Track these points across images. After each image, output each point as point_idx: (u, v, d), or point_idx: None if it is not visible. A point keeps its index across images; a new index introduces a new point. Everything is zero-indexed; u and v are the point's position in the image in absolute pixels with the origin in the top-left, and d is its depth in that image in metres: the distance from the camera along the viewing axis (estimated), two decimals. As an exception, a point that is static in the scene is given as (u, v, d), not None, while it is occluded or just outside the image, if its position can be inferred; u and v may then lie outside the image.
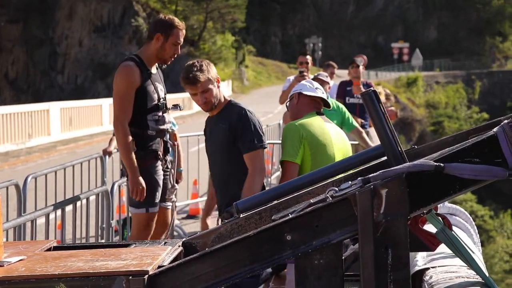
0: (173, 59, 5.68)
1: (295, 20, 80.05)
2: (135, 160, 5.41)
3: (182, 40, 5.64)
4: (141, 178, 5.43)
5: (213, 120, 5.20)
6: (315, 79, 8.79)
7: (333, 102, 8.80)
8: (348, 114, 8.88)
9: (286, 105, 5.36)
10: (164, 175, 5.72)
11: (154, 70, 5.65)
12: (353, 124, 8.89)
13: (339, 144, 5.07)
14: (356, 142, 10.72)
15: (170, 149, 5.79)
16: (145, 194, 5.46)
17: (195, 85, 5.02)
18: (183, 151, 9.49)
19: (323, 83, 8.70)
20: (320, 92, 5.20)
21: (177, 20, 5.61)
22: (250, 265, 2.54)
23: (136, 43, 51.02)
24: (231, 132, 5.00)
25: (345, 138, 5.22)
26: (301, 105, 5.15)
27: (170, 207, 5.87)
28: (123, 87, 5.46)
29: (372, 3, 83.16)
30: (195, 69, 5.01)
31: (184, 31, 5.64)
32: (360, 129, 9.06)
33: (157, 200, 5.61)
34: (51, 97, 44.98)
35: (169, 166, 5.79)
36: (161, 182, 5.63)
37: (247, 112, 5.05)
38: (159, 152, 5.60)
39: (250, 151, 4.97)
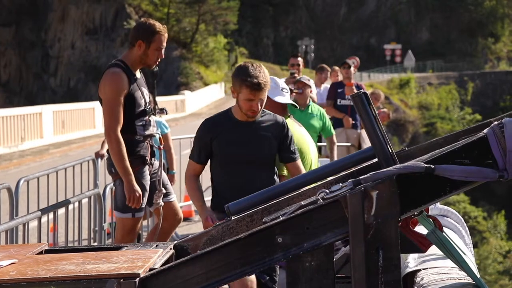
0: (157, 63, 5.66)
1: (288, 22, 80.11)
2: (130, 168, 5.40)
3: (165, 44, 5.57)
4: (136, 185, 5.42)
5: (250, 127, 4.81)
6: (298, 82, 8.81)
7: (315, 107, 8.80)
8: (329, 122, 8.93)
9: None
10: (151, 179, 5.71)
11: (138, 74, 5.63)
12: (331, 132, 8.97)
13: (309, 148, 5.31)
14: (349, 144, 10.75)
15: (156, 152, 5.78)
16: (141, 201, 5.45)
17: (260, 91, 4.65)
18: (176, 153, 9.47)
19: (305, 85, 8.73)
20: (286, 95, 5.37)
21: (158, 25, 5.54)
22: (241, 267, 2.54)
23: (128, 46, 50.98)
24: (275, 141, 4.83)
25: (311, 140, 5.56)
26: (271, 109, 5.19)
27: (174, 199, 5.89)
28: (113, 95, 5.41)
29: (364, 4, 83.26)
30: (263, 74, 4.68)
31: (166, 35, 5.56)
32: (335, 140, 9.15)
33: (144, 205, 5.60)
34: (44, 99, 44.93)
35: (157, 170, 5.78)
36: (148, 187, 5.62)
37: (285, 120, 4.98)
38: (146, 157, 5.60)
39: (297, 159, 4.93)
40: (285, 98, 5.36)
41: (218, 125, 4.85)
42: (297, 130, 5.32)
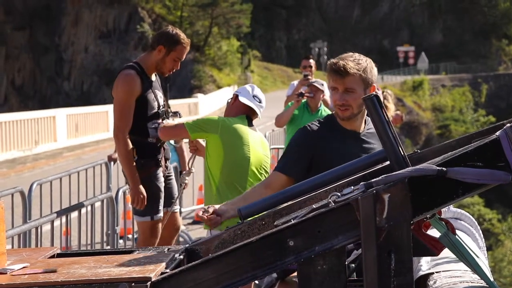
0: (171, 73, 5.67)
1: (300, 24, 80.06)
2: (135, 170, 5.41)
3: (184, 57, 5.61)
4: (141, 187, 5.42)
5: (354, 136, 3.95)
6: (310, 85, 8.77)
7: (326, 112, 8.74)
8: None
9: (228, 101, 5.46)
10: (167, 180, 5.72)
11: (153, 77, 5.64)
12: None
13: (257, 150, 5.23)
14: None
15: (172, 155, 5.80)
16: (145, 203, 5.45)
17: (340, 76, 3.78)
18: (188, 156, 9.48)
19: (317, 90, 8.69)
20: (256, 102, 5.33)
21: (183, 37, 5.57)
22: (252, 271, 2.53)
23: (142, 49, 51.03)
24: None
25: (266, 147, 5.42)
26: (235, 107, 5.29)
27: (177, 210, 5.88)
28: (124, 96, 5.44)
29: (378, 7, 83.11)
30: (351, 58, 3.83)
31: (188, 48, 5.61)
32: None
33: (161, 207, 5.61)
34: (57, 103, 45.07)
35: (172, 172, 5.79)
36: (163, 189, 5.63)
37: None
38: (159, 159, 5.60)
39: None
40: (250, 103, 5.30)
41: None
42: (242, 127, 5.25)
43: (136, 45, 52.44)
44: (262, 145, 5.37)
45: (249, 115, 5.34)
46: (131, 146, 5.40)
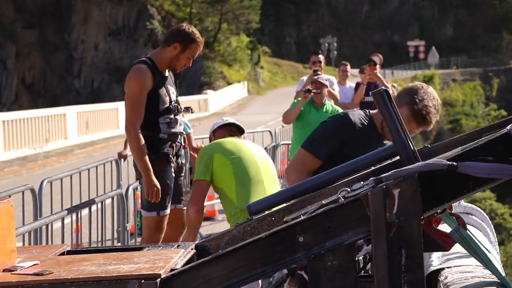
0: (183, 69, 5.69)
1: (310, 20, 79.93)
2: (148, 162, 5.41)
3: (196, 55, 5.65)
4: (155, 180, 5.43)
5: (378, 137, 4.26)
6: (315, 82, 8.77)
7: (329, 105, 8.76)
8: None
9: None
10: (177, 177, 5.72)
11: (166, 73, 5.65)
12: None
13: (256, 150, 5.37)
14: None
15: (183, 151, 5.79)
16: (160, 196, 5.46)
17: (426, 125, 4.14)
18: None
19: (322, 86, 8.69)
20: (230, 120, 5.67)
21: (198, 35, 5.59)
22: (262, 267, 2.53)
23: (152, 46, 51.11)
24: None
25: (262, 149, 5.60)
26: (217, 137, 5.52)
27: (184, 208, 5.87)
28: (135, 90, 5.45)
29: (387, 1, 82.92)
30: (434, 110, 4.13)
31: (202, 47, 5.65)
32: None
33: (168, 203, 5.61)
34: (68, 101, 45.18)
35: (182, 169, 5.79)
36: (172, 185, 5.63)
37: None
38: (170, 156, 5.60)
39: None
40: (222, 121, 5.72)
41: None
42: (231, 139, 5.44)
43: (146, 42, 52.50)
44: (258, 147, 5.57)
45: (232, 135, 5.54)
46: (143, 139, 5.40)
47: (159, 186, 5.44)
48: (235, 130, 5.62)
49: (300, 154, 4.31)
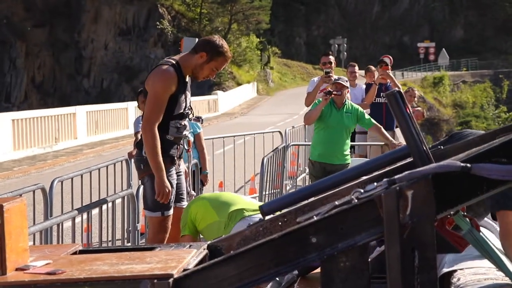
0: (204, 79, 5.70)
1: (320, 20, 79.92)
2: (162, 163, 5.42)
3: (221, 69, 5.66)
4: (167, 181, 5.45)
5: None
6: (336, 83, 8.75)
7: (349, 104, 8.76)
8: (363, 111, 8.82)
9: None
10: (177, 176, 5.76)
11: (187, 78, 5.67)
12: (371, 121, 8.81)
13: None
14: (383, 143, 10.67)
15: (184, 154, 5.84)
16: (170, 197, 5.48)
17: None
18: (208, 153, 9.48)
19: (342, 87, 8.68)
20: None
21: (227, 49, 5.59)
22: (274, 268, 2.52)
23: (161, 46, 51.24)
24: None
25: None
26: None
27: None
28: (160, 91, 5.44)
29: (398, 2, 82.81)
30: None
31: (228, 62, 5.67)
32: (378, 125, 8.94)
33: (172, 204, 5.64)
34: (77, 100, 45.31)
35: (182, 170, 5.82)
36: (175, 186, 5.67)
37: None
38: (175, 157, 5.63)
39: None
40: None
41: None
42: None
43: (156, 42, 52.58)
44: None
45: None
46: (159, 140, 5.41)
47: (170, 187, 5.46)
48: None
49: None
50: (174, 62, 5.53)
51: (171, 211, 5.65)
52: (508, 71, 72.73)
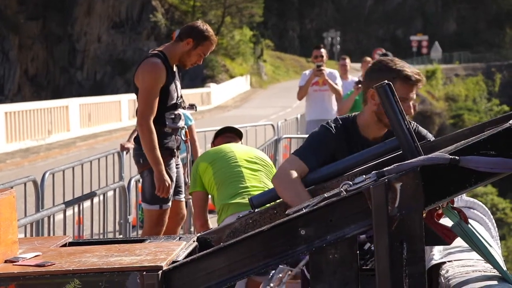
0: (192, 66, 5.69)
1: (313, 14, 79.85)
2: (160, 157, 5.41)
3: (208, 53, 5.65)
4: (166, 175, 5.44)
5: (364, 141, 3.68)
6: (360, 82, 8.97)
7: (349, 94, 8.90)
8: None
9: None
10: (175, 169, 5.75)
11: (174, 68, 5.66)
12: None
13: (240, 148, 5.35)
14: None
15: (183, 145, 5.82)
16: (170, 191, 5.47)
17: (415, 87, 3.73)
18: (200, 146, 9.46)
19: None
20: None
21: (212, 33, 5.61)
22: (264, 260, 2.53)
23: (155, 39, 51.09)
24: None
25: (250, 148, 5.64)
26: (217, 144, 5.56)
27: (183, 199, 5.89)
28: (151, 84, 5.43)
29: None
30: (418, 71, 3.73)
31: (214, 46, 5.66)
32: None
33: (171, 197, 5.62)
34: (70, 93, 45.18)
35: (180, 162, 5.81)
36: (174, 179, 5.65)
37: None
38: (174, 149, 5.62)
39: None
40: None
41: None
42: (221, 147, 5.46)
43: (149, 34, 52.46)
44: (247, 147, 5.60)
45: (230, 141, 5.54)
46: (155, 133, 5.40)
47: (169, 181, 5.45)
48: (233, 135, 5.65)
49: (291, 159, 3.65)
50: (159, 53, 5.53)
51: (169, 204, 5.63)
52: (500, 64, 72.78)
